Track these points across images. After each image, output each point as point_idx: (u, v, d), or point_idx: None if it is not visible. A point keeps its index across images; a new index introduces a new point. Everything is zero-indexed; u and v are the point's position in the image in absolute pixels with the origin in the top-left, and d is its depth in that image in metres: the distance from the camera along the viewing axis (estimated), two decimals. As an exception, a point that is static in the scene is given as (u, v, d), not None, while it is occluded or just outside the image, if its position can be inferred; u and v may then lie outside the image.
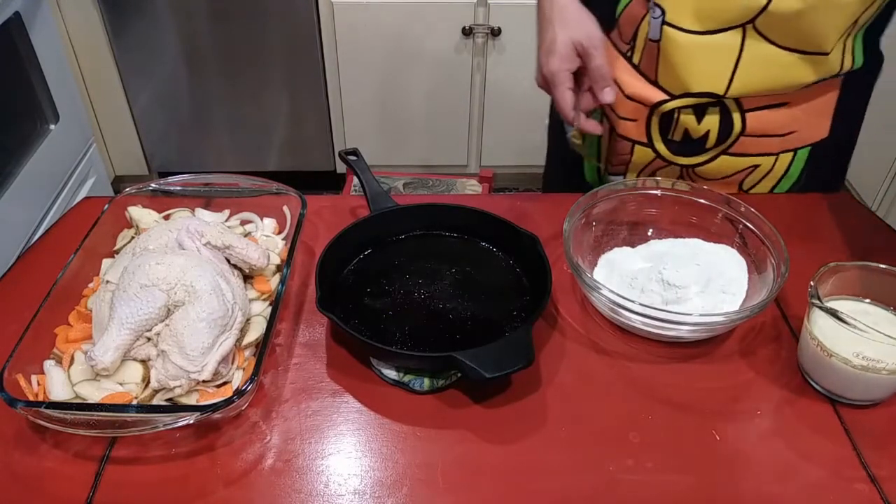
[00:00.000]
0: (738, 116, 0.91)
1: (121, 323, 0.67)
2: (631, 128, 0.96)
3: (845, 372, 0.67)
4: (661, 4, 0.85)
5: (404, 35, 2.17)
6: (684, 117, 0.91)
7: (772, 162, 0.94)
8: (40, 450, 0.65)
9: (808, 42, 0.83)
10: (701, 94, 0.88)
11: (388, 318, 0.77)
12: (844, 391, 0.69)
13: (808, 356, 0.71)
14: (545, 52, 0.85)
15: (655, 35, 0.87)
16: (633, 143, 0.97)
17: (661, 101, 0.91)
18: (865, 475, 0.64)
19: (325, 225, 0.91)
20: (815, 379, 0.71)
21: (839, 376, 0.68)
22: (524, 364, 0.66)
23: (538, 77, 0.88)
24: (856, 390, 0.69)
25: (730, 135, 0.92)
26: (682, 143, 0.94)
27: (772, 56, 0.84)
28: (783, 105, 0.89)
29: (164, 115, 2.36)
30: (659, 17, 0.85)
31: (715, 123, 0.91)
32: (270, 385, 0.72)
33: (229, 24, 2.17)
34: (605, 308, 0.77)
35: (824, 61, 0.84)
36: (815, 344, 0.69)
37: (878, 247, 0.90)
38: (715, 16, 0.83)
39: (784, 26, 0.81)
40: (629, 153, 0.98)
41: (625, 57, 0.93)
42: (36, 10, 1.84)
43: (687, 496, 0.62)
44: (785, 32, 0.82)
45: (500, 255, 0.86)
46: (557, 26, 0.84)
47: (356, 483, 0.63)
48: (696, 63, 0.86)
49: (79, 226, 0.84)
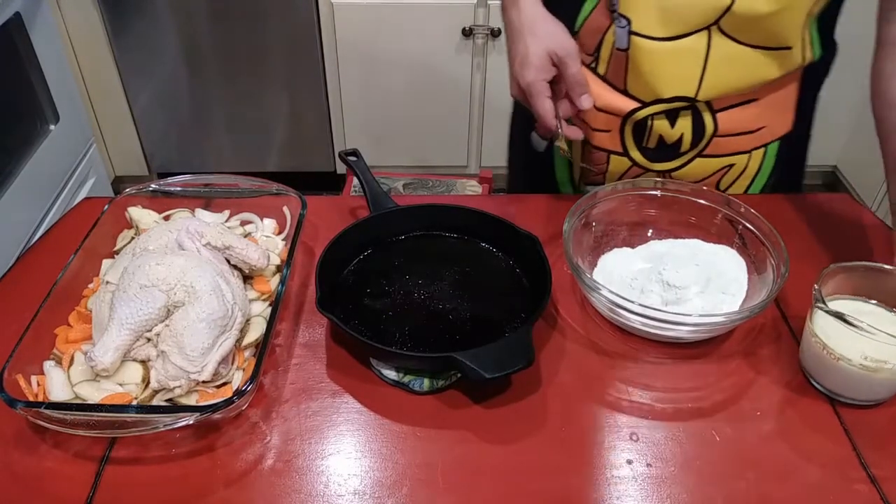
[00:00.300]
0: (710, 117, 0.91)
1: (121, 323, 0.67)
2: (605, 138, 0.96)
3: (850, 373, 0.67)
4: (626, 15, 0.85)
5: (404, 35, 2.17)
6: (657, 123, 0.91)
7: (745, 160, 0.95)
8: (40, 450, 0.65)
9: (773, 39, 0.83)
10: (672, 98, 0.88)
11: (388, 319, 0.77)
12: (848, 391, 0.69)
13: (811, 357, 0.71)
14: (520, 63, 0.85)
15: (623, 44, 0.87)
16: (608, 153, 0.97)
17: (633, 110, 0.91)
18: (865, 475, 0.64)
19: (325, 225, 0.91)
20: (817, 379, 0.71)
21: (843, 377, 0.68)
22: (524, 364, 0.66)
23: (513, 89, 0.88)
24: (860, 390, 0.69)
25: (703, 136, 0.92)
26: (656, 149, 0.94)
27: (738, 54, 0.84)
28: (751, 101, 0.90)
29: (164, 115, 2.36)
30: (625, 26, 0.85)
31: (688, 126, 0.91)
32: (270, 385, 0.72)
33: (229, 24, 2.17)
34: (604, 308, 0.77)
35: (788, 55, 0.85)
36: (818, 345, 0.69)
37: (879, 247, 0.90)
38: (680, 20, 0.83)
39: (749, 25, 0.82)
40: (605, 163, 0.98)
41: (589, 69, 0.93)
42: (36, 10, 1.84)
43: (687, 496, 0.62)
44: (750, 31, 0.83)
45: (500, 255, 0.86)
46: (529, 38, 0.84)
47: (356, 483, 0.63)
48: (665, 69, 0.86)
49: (79, 226, 0.84)
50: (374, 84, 2.28)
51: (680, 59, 0.85)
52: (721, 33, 0.83)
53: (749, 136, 0.93)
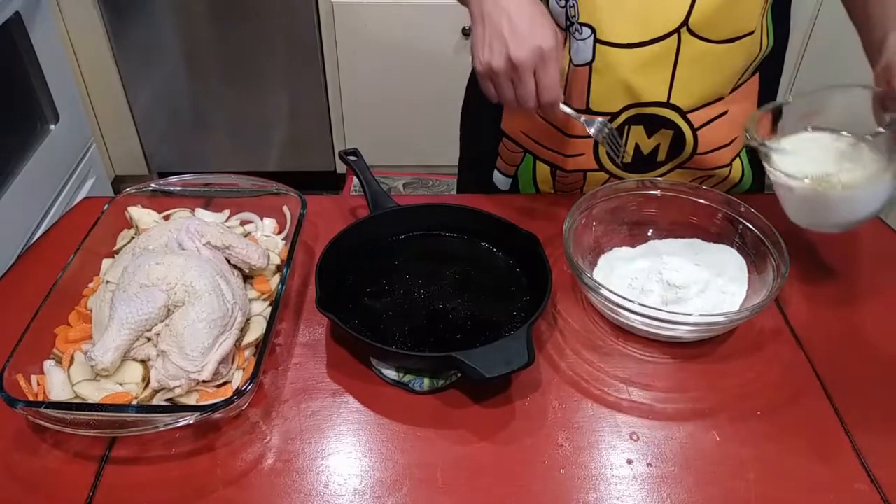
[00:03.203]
0: (689, 130, 0.89)
1: (121, 323, 0.67)
2: (580, 161, 0.94)
3: (811, 197, 0.71)
4: (589, 23, 0.83)
5: (404, 35, 2.17)
6: (634, 131, 0.90)
7: (726, 172, 0.95)
8: (40, 450, 0.65)
9: (738, 26, 0.83)
10: (643, 103, 0.87)
11: (388, 318, 0.77)
12: (826, 218, 0.74)
13: (796, 202, 0.74)
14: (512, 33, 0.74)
15: (586, 57, 0.84)
16: (584, 172, 0.96)
17: None
18: (865, 475, 0.64)
19: (325, 225, 0.91)
20: (795, 217, 0.74)
21: (809, 203, 0.72)
22: (524, 364, 0.66)
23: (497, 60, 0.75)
24: (832, 212, 0.72)
25: (682, 149, 0.91)
26: (633, 162, 0.93)
27: (706, 52, 0.83)
28: (718, 101, 0.89)
29: (164, 115, 2.36)
30: (588, 37, 0.83)
31: (666, 136, 0.90)
32: (270, 385, 0.72)
33: (229, 24, 2.17)
34: (604, 308, 0.77)
35: (751, 42, 0.85)
36: (790, 185, 0.72)
37: (879, 247, 0.90)
38: (652, 22, 0.81)
39: (717, 19, 0.81)
40: (581, 180, 0.97)
41: None
42: (36, 10, 1.84)
43: (687, 496, 0.62)
44: (717, 25, 0.82)
45: (500, 255, 0.86)
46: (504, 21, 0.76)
47: (356, 483, 0.63)
48: (635, 76, 0.84)
49: (79, 226, 0.84)
50: (373, 84, 2.28)
51: (650, 65, 0.84)
52: (690, 34, 0.82)
53: (727, 148, 0.92)
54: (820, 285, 0.84)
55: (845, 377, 0.73)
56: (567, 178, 0.97)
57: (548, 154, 0.96)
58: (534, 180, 1.00)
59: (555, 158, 0.95)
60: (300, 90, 2.31)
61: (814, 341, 0.77)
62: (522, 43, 0.73)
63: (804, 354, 0.75)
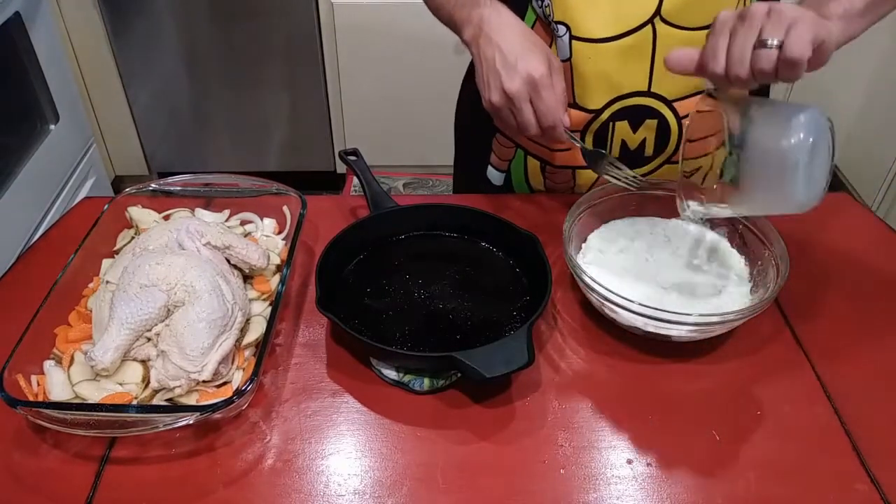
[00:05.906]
0: (672, 116, 0.89)
1: (121, 323, 0.67)
2: (567, 156, 0.95)
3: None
4: (564, 21, 0.83)
5: (404, 35, 2.17)
6: (619, 127, 0.90)
7: (710, 162, 0.94)
8: (40, 450, 0.65)
9: (714, 12, 0.81)
10: (625, 95, 0.87)
11: (388, 318, 0.77)
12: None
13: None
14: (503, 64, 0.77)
15: (564, 55, 0.85)
16: (573, 169, 0.96)
17: (589, 121, 0.90)
18: (865, 475, 0.64)
19: (325, 225, 0.91)
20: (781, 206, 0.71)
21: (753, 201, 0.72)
22: (524, 364, 0.66)
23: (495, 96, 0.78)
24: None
25: (668, 140, 0.91)
26: (621, 157, 0.92)
27: (683, 40, 0.82)
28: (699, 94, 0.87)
29: (164, 115, 2.36)
30: (564, 34, 0.84)
31: (651, 131, 0.90)
32: (270, 385, 0.72)
33: (229, 24, 2.17)
34: (604, 308, 0.77)
35: None
36: None
37: (879, 247, 0.90)
38: (623, 15, 0.81)
39: (689, 5, 0.81)
40: (571, 178, 0.97)
41: None
42: (36, 10, 1.84)
43: (687, 496, 0.62)
44: (692, 12, 0.81)
45: (500, 255, 0.86)
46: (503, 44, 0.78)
47: (356, 483, 0.63)
48: (613, 71, 0.84)
49: (79, 226, 0.84)
50: (373, 84, 2.28)
51: (628, 56, 0.84)
52: (664, 23, 0.82)
53: (714, 137, 0.92)
54: (820, 285, 0.84)
55: (845, 377, 0.73)
56: (556, 175, 0.98)
57: (536, 148, 0.97)
58: (525, 175, 1.01)
59: (543, 153, 0.96)
60: (300, 90, 2.31)
61: (814, 341, 0.77)
62: (513, 74, 0.75)
63: (804, 354, 0.75)
